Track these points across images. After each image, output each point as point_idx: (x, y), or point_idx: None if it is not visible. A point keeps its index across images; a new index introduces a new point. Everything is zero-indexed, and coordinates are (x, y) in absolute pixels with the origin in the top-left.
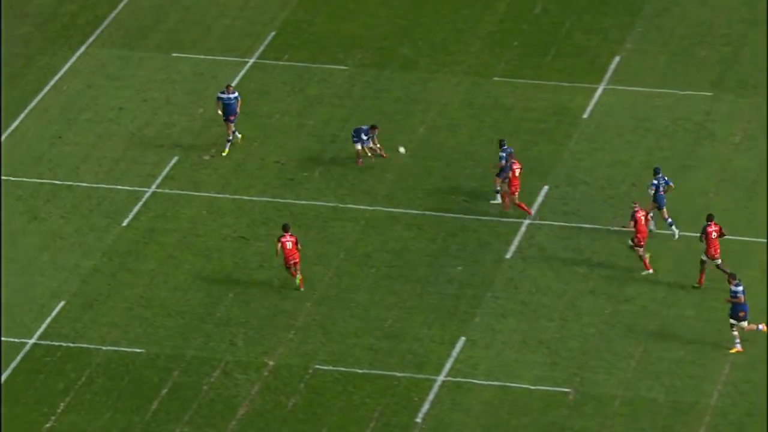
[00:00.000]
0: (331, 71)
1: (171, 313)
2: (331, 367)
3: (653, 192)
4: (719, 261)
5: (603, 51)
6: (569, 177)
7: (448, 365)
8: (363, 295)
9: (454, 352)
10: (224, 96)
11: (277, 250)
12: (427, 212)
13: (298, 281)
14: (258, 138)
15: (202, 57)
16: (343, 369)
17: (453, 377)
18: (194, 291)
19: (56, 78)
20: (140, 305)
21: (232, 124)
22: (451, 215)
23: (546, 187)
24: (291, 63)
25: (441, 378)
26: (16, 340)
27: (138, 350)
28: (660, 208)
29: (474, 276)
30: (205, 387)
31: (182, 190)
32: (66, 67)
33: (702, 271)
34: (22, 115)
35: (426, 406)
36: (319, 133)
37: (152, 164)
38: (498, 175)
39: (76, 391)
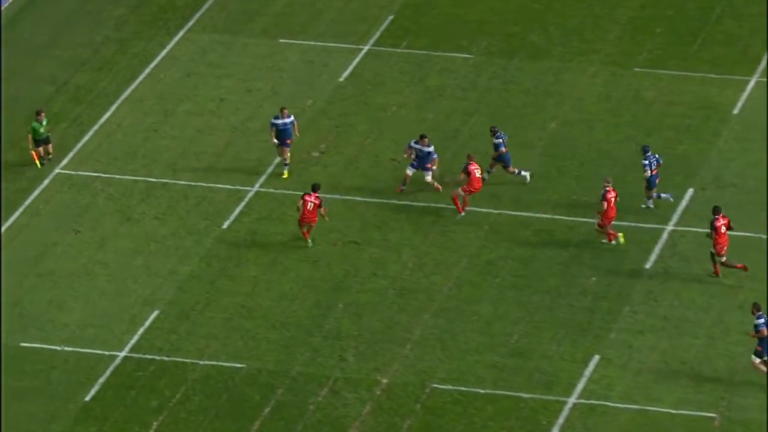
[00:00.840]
0: (454, 60)
1: (275, 325)
2: (450, 387)
3: (648, 174)
4: (724, 258)
5: (756, 39)
6: (717, 179)
7: (580, 386)
8: (486, 307)
9: (587, 372)
10: (279, 122)
11: (298, 206)
12: (558, 216)
13: (310, 242)
14: (372, 133)
15: (311, 43)
16: (463, 388)
17: (585, 399)
18: (300, 301)
19: (152, 65)
20: (241, 316)
21: (288, 149)
22: (585, 220)
23: (691, 190)
24: (410, 50)
25: (572, 400)
26: (106, 352)
27: (238, 365)
28: (651, 188)
29: (609, 288)
30: (311, 406)
31: (288, 190)
32: (163, 53)
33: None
34: (114, 106)
35: (555, 431)
36: (440, 127)
37: (256, 161)
38: (497, 160)
39: (170, 409)
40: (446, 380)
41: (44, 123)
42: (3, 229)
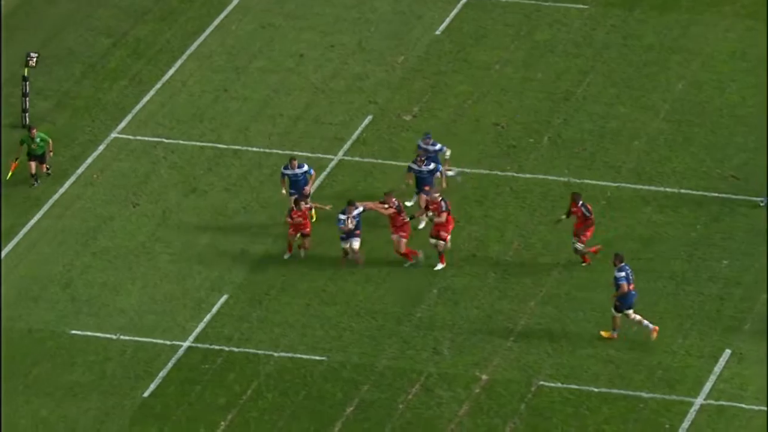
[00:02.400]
0: (567, 11)
1: (360, 313)
2: (559, 384)
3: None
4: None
5: None
6: None
7: (708, 385)
8: (601, 294)
9: (717, 369)
10: (289, 172)
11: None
12: (684, 191)
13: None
14: (473, 95)
15: None
16: (574, 386)
17: (715, 400)
18: (389, 285)
19: (222, 16)
20: (321, 301)
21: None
22: (716, 194)
23: None
24: (516, 0)
25: (699, 400)
26: (168, 342)
27: (317, 358)
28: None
29: (744, 273)
30: (400, 405)
31: (376, 158)
32: (234, 2)
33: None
34: (179, 62)
35: None
36: (550, 89)
37: (340, 125)
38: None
39: (240, 407)
40: (555, 377)
41: (37, 139)
42: (52, 200)
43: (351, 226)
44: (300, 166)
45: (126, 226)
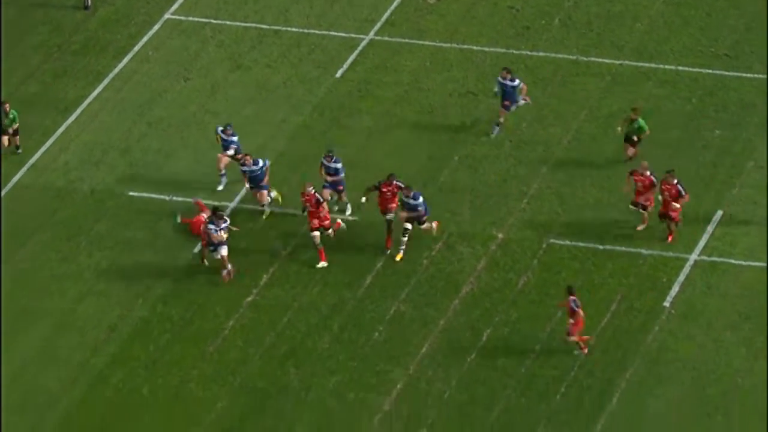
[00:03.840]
0: None
1: (384, 177)
2: (567, 242)
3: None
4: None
5: None
6: None
7: (702, 242)
8: (606, 160)
9: (710, 228)
10: (247, 169)
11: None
12: (681, 67)
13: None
14: None
15: None
16: (581, 244)
17: (707, 256)
18: (414, 151)
19: None
20: (352, 166)
21: (266, 191)
22: (710, 71)
23: None
24: None
25: (693, 257)
26: (216, 203)
27: (351, 218)
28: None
29: (734, 142)
30: (425, 261)
31: (404, 38)
32: None
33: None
34: None
35: (675, 289)
36: None
37: (370, 7)
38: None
39: (280, 262)
40: (564, 235)
41: (11, 116)
42: (112, 74)
43: (224, 236)
44: (255, 162)
45: (178, 98)
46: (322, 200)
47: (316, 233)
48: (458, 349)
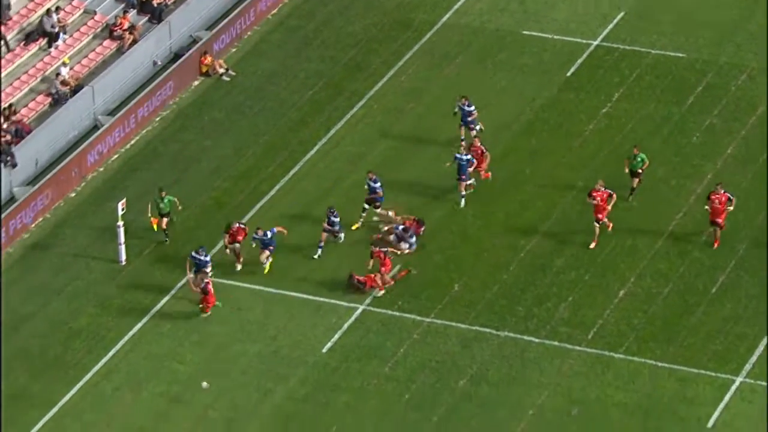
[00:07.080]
0: None
1: (709, 24)
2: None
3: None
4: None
5: None
6: None
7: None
8: None
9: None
10: (257, 237)
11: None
12: None
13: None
14: None
15: None
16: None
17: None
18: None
19: None
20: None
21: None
22: None
23: None
24: None
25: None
26: (584, 41)
27: (680, 55)
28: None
29: None
30: (732, 88)
31: None
32: None
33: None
34: None
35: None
36: None
37: None
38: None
39: (628, 85)
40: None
41: (165, 200)
42: None
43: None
44: (266, 233)
45: None
46: None
47: None
48: None
